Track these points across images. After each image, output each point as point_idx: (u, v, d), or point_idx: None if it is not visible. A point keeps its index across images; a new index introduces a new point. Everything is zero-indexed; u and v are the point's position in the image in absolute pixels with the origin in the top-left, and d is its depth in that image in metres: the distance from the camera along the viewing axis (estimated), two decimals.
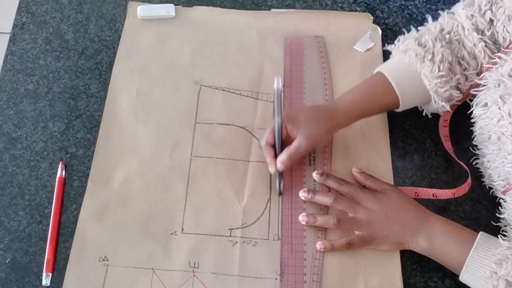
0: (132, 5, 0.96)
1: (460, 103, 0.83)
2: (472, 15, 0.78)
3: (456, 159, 0.83)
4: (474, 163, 0.82)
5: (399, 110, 0.83)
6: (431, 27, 0.82)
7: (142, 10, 0.95)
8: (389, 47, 0.86)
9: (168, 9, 0.95)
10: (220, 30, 0.95)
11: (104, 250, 0.76)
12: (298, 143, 0.77)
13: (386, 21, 0.98)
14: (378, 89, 0.81)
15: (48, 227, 0.77)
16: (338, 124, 0.80)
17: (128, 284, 0.74)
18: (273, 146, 0.79)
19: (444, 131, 0.85)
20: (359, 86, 0.82)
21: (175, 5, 0.96)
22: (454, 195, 0.80)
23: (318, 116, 0.79)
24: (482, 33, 0.78)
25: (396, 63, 0.82)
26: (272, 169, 0.79)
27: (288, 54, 0.93)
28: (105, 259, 0.75)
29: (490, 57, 0.77)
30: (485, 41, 0.77)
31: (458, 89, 0.80)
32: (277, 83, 0.72)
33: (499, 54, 0.74)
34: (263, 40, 0.94)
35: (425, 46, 0.79)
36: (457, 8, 0.81)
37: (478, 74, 0.79)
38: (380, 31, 0.95)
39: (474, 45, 0.78)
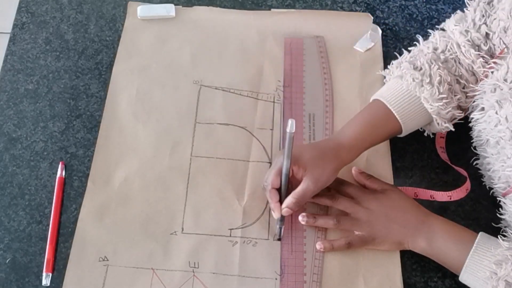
0: (132, 5, 0.96)
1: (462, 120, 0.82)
2: (466, 31, 0.76)
3: (455, 167, 0.82)
4: (474, 163, 0.82)
5: (402, 135, 0.81)
6: (423, 48, 0.81)
7: (142, 10, 0.95)
8: (383, 72, 0.84)
9: (168, 9, 0.95)
10: (220, 30, 0.95)
11: (104, 250, 0.76)
12: (305, 186, 0.74)
13: (386, 21, 0.98)
14: (379, 118, 0.78)
15: (48, 227, 0.77)
16: (344, 161, 0.77)
17: (128, 284, 0.74)
18: (278, 190, 0.76)
19: (440, 142, 0.84)
20: (359, 117, 0.80)
21: (175, 5, 0.96)
22: (450, 198, 0.79)
23: (324, 155, 0.75)
24: (479, 48, 0.76)
25: (393, 88, 0.79)
26: (277, 215, 0.75)
27: (288, 54, 0.93)
28: (105, 259, 0.75)
29: (488, 72, 0.74)
30: (482, 57, 0.76)
31: (460, 108, 0.79)
32: (291, 127, 0.66)
33: (494, 60, 0.73)
34: (263, 40, 0.94)
35: (421, 69, 0.77)
36: (449, 24, 0.79)
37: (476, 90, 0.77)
38: (380, 31, 0.95)
39: (473, 62, 0.77)
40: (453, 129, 0.80)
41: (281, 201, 0.76)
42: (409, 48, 0.84)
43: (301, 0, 0.99)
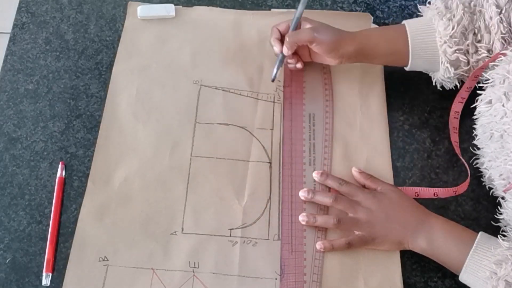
0: (132, 5, 0.96)
1: (467, 76, 0.83)
2: None
3: (459, 154, 0.83)
4: (474, 163, 0.82)
5: (408, 68, 0.84)
6: None
7: (142, 10, 0.95)
8: (421, 8, 0.86)
9: (168, 9, 0.95)
10: (220, 30, 0.95)
11: (104, 250, 0.76)
12: (303, 29, 0.83)
13: (386, 21, 0.98)
14: (393, 32, 0.83)
15: (48, 227, 0.77)
16: (344, 42, 0.82)
17: (128, 284, 0.74)
18: (282, 34, 0.85)
19: (454, 123, 0.86)
20: (380, 29, 0.89)
21: (175, 5, 0.96)
22: (455, 193, 0.80)
23: (334, 30, 0.83)
24: (501, 10, 0.78)
25: (419, 19, 0.84)
26: (277, 49, 0.85)
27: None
28: (105, 259, 0.75)
29: (502, 35, 0.78)
30: (500, 16, 0.78)
31: (466, 56, 0.80)
32: None
33: (504, 51, 0.75)
34: (263, 40, 0.94)
35: (449, 7, 0.81)
36: None
37: (488, 51, 0.79)
38: None
39: (490, 17, 0.79)
40: (453, 75, 0.81)
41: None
42: None
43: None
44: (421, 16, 0.85)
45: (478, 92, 0.78)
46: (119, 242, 0.76)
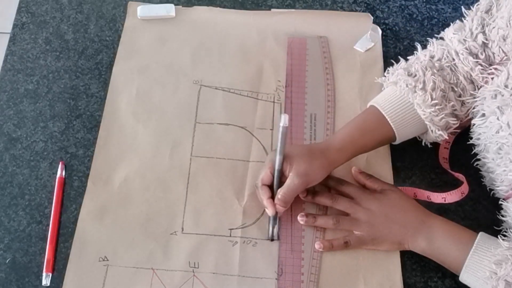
0: (132, 5, 0.96)
1: (460, 130, 0.82)
2: (464, 40, 0.76)
3: (454, 173, 0.82)
4: (475, 164, 0.82)
5: (397, 142, 0.81)
6: (420, 55, 0.81)
7: (142, 10, 0.95)
8: (379, 80, 0.84)
9: (168, 9, 0.95)
10: (220, 30, 0.95)
11: (104, 250, 0.76)
12: (290, 181, 0.74)
13: (386, 21, 0.98)
14: (372, 123, 0.78)
15: (48, 227, 0.77)
16: (332, 161, 0.76)
17: (128, 284, 0.74)
18: (270, 187, 0.76)
19: (443, 153, 0.84)
20: (353, 121, 0.80)
21: (175, 5, 0.96)
22: (444, 201, 0.79)
23: (311, 153, 0.76)
24: (477, 56, 0.76)
25: (388, 95, 0.79)
26: (271, 212, 0.75)
27: (290, 53, 0.93)
28: (105, 259, 0.75)
29: (490, 75, 0.74)
30: (480, 64, 0.75)
31: (455, 116, 0.78)
32: (284, 121, 0.67)
33: (494, 66, 0.73)
34: (263, 40, 0.94)
35: (415, 75, 0.77)
36: (447, 33, 0.79)
37: (474, 98, 0.76)
38: (380, 31, 0.95)
39: (471, 69, 0.76)
40: (447, 137, 0.79)
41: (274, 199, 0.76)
42: (408, 58, 0.83)
43: (301, 0, 0.99)
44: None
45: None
46: (119, 242, 0.76)
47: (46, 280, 0.74)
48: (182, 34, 0.94)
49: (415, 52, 0.83)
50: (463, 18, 0.79)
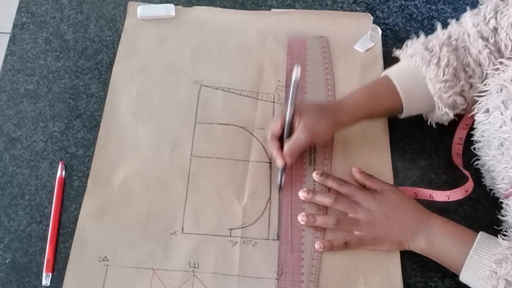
0: (132, 5, 0.96)
1: (464, 112, 0.82)
2: (477, 24, 0.78)
3: (464, 171, 0.82)
4: (474, 164, 0.82)
5: (403, 116, 0.82)
6: (439, 34, 0.83)
7: (142, 10, 0.95)
8: (397, 52, 0.85)
9: (168, 9, 0.95)
10: (220, 30, 0.95)
11: (104, 250, 0.76)
12: (297, 135, 0.77)
13: (386, 21, 0.98)
14: (382, 90, 0.81)
15: (48, 227, 0.77)
16: (339, 122, 0.80)
17: (128, 284, 0.74)
18: (279, 139, 0.79)
19: (457, 149, 0.84)
20: (364, 87, 0.82)
21: (175, 5, 0.96)
22: (448, 199, 0.79)
23: (321, 112, 0.79)
24: (487, 40, 0.77)
25: (402, 67, 0.82)
26: (279, 163, 0.79)
27: (290, 53, 0.93)
28: (105, 259, 0.75)
29: (494, 65, 0.76)
30: (489, 48, 0.77)
31: (462, 96, 0.79)
32: (296, 73, 0.72)
33: (501, 60, 0.74)
34: (263, 40, 0.94)
35: (432, 50, 0.79)
36: (465, 16, 0.81)
37: (483, 82, 0.78)
38: (380, 31, 0.95)
39: (479, 51, 0.78)
40: (452, 117, 0.81)
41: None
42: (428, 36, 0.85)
43: (301, 0, 0.99)
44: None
45: (475, 98, 0.78)
46: (119, 242, 0.76)
47: (46, 280, 0.74)
48: (182, 34, 0.94)
49: (435, 30, 0.84)
50: (479, 5, 0.80)
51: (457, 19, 0.83)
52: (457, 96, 0.79)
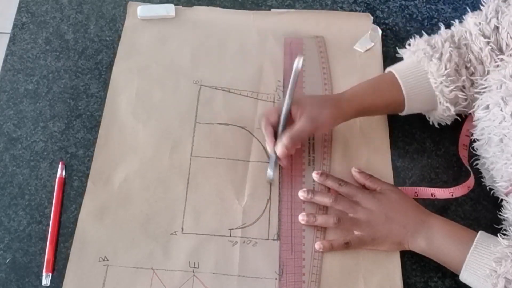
0: (132, 5, 0.96)
1: (465, 111, 0.83)
2: (479, 23, 0.79)
3: (468, 165, 0.82)
4: (474, 164, 0.82)
5: (404, 113, 0.82)
6: (442, 32, 0.84)
7: (142, 10, 0.95)
8: (401, 51, 0.86)
9: (168, 9, 0.95)
10: (220, 30, 0.95)
11: (104, 250, 0.76)
12: (300, 123, 0.77)
13: (386, 21, 0.98)
14: (384, 83, 0.82)
15: (48, 227, 0.77)
16: (341, 113, 0.80)
17: (128, 284, 0.74)
18: (274, 127, 0.80)
19: (464, 140, 0.85)
20: (367, 81, 0.83)
21: (175, 5, 0.96)
22: (452, 195, 0.80)
23: (324, 102, 0.80)
24: (488, 38, 0.78)
25: (405, 63, 0.83)
26: (270, 149, 0.79)
27: (288, 54, 0.93)
28: (105, 259, 0.75)
29: (495, 62, 0.77)
30: (491, 46, 0.78)
31: (464, 92, 0.80)
32: (297, 63, 0.73)
33: (502, 57, 0.75)
34: (263, 40, 0.94)
35: (435, 46, 0.80)
36: (467, 16, 0.82)
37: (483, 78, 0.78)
38: (380, 31, 0.95)
39: (481, 49, 0.79)
40: (454, 113, 0.81)
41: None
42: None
43: (301, 0, 0.99)
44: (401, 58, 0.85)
45: (475, 95, 0.78)
46: (119, 242, 0.76)
47: (46, 280, 0.74)
48: (182, 34, 0.94)
49: (435, 30, 0.86)
50: (481, 6, 0.81)
51: (460, 21, 0.84)
52: (458, 91, 0.79)
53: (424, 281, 0.77)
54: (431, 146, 0.86)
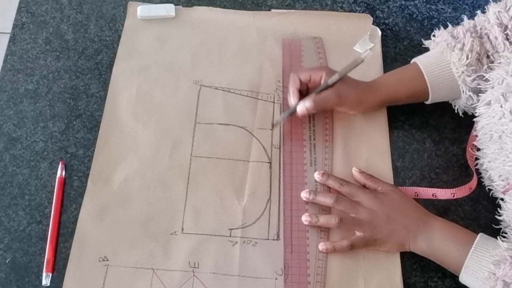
0: (132, 5, 0.96)
1: None
2: (499, 11, 0.80)
3: (473, 167, 0.82)
4: (474, 164, 0.82)
5: (429, 101, 0.84)
6: (465, 23, 0.85)
7: (142, 10, 0.95)
8: (426, 42, 0.88)
9: (168, 9, 0.95)
10: (220, 30, 0.95)
11: (104, 250, 0.76)
12: (328, 94, 0.81)
13: (386, 21, 0.98)
14: (409, 75, 0.84)
15: (48, 227, 0.77)
16: (366, 99, 0.83)
17: (128, 284, 0.74)
18: (301, 84, 0.83)
19: (473, 139, 0.84)
20: (392, 72, 0.86)
21: (175, 5, 0.96)
22: (453, 196, 0.80)
23: (355, 83, 0.83)
24: (506, 27, 0.79)
25: (429, 54, 0.85)
26: (294, 101, 0.82)
27: (286, 55, 0.93)
28: (105, 259, 0.75)
29: (509, 52, 0.78)
30: (506, 34, 0.79)
31: (486, 81, 0.80)
32: (366, 53, 0.80)
33: (504, 53, 0.75)
34: (263, 40, 0.94)
35: (457, 37, 0.82)
36: (488, 5, 0.83)
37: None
38: (379, 32, 0.95)
39: (495, 37, 0.80)
40: (476, 101, 0.81)
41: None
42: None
43: (301, 0, 0.99)
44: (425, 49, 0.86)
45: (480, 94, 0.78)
46: (119, 242, 0.76)
47: (46, 280, 0.74)
48: (182, 34, 0.94)
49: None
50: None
51: (483, 11, 0.85)
52: (480, 80, 0.80)
53: (424, 281, 0.77)
54: (431, 146, 0.86)
